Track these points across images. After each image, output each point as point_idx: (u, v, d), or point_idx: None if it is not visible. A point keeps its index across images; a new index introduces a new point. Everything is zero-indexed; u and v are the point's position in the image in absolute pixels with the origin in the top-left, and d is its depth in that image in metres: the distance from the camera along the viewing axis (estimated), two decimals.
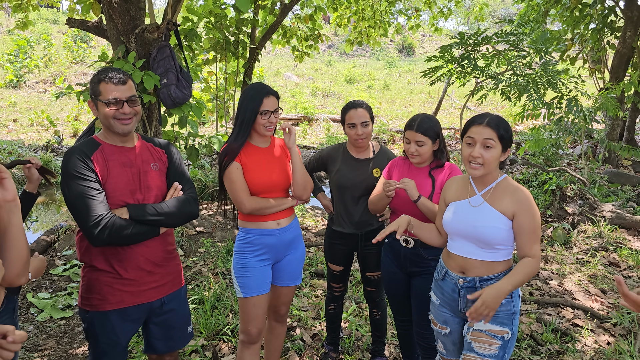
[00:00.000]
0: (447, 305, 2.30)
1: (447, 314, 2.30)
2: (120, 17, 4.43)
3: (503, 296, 2.02)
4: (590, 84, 11.25)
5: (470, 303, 2.17)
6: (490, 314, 2.02)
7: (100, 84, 2.11)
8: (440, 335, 2.35)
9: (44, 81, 18.40)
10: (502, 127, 2.10)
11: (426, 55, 29.55)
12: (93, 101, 2.15)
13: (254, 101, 2.48)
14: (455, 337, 2.31)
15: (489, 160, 2.08)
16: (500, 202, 2.13)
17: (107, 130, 2.19)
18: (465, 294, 2.20)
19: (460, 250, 2.22)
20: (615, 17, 9.62)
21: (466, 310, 2.19)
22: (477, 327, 2.14)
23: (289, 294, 2.82)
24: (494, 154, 2.09)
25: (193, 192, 2.33)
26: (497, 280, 2.12)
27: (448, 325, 2.30)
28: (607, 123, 9.44)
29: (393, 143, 13.43)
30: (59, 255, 5.13)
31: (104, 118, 2.14)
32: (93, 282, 2.13)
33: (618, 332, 3.82)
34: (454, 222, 2.23)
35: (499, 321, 2.12)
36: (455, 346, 2.32)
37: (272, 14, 7.15)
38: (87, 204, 1.98)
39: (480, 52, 6.12)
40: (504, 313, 2.13)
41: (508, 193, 2.14)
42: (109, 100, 2.10)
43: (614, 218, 6.15)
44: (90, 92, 2.15)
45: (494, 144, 2.08)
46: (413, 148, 2.59)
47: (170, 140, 5.27)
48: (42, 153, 10.27)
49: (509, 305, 2.14)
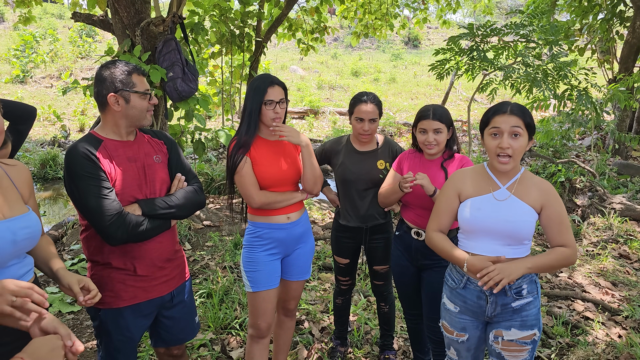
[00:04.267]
0: (469, 313, 2.15)
1: (468, 320, 2.16)
2: (125, 11, 4.41)
3: (521, 271, 1.93)
4: (599, 75, 11.13)
5: (499, 308, 2.06)
6: (503, 282, 1.91)
7: (132, 75, 2.06)
8: (455, 342, 2.23)
9: (50, 76, 18.43)
10: (527, 114, 2.01)
11: (432, 47, 29.41)
12: (121, 94, 2.04)
13: (258, 91, 2.45)
14: (471, 343, 2.19)
15: (518, 150, 1.99)
16: (528, 195, 2.04)
17: (122, 124, 2.10)
18: (495, 300, 2.06)
19: (484, 249, 2.06)
20: (625, 7, 9.50)
21: (494, 315, 2.08)
22: (507, 337, 2.03)
23: (298, 289, 2.79)
24: (522, 142, 2.00)
25: (197, 182, 2.33)
26: (522, 279, 2.04)
27: (467, 332, 2.18)
28: (617, 114, 9.35)
29: (400, 136, 13.37)
30: (66, 249, 5.14)
31: (139, 111, 2.08)
32: (105, 280, 2.11)
33: (630, 325, 3.79)
34: (479, 219, 2.06)
35: (529, 325, 2.03)
36: (470, 352, 2.21)
37: (278, 7, 7.10)
38: (100, 204, 1.93)
39: (489, 43, 6.05)
40: (532, 314, 2.04)
41: (533, 185, 2.07)
42: (145, 92, 2.08)
43: (624, 210, 6.09)
44: (119, 85, 2.03)
45: (521, 132, 1.98)
46: (431, 137, 2.55)
47: (176, 134, 5.25)
48: (49, 148, 10.30)
49: (535, 302, 2.05)
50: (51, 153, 9.44)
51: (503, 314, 2.07)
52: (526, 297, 2.04)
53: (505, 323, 2.05)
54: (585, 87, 6.17)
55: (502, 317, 2.07)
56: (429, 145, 2.57)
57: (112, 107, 2.05)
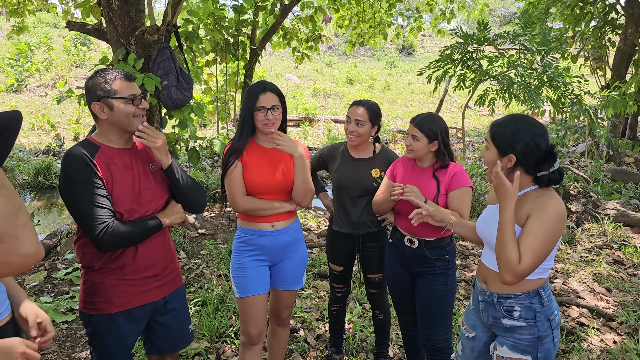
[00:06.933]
0: (476, 313, 2.18)
1: (476, 320, 2.19)
2: (120, 20, 4.42)
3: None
4: (592, 82, 11.22)
5: (491, 319, 2.05)
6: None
7: (115, 82, 2.06)
8: (464, 337, 2.24)
9: (45, 85, 18.39)
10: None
11: (427, 55, 29.56)
12: (104, 102, 2.05)
13: (250, 98, 2.48)
14: (475, 345, 2.18)
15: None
16: (520, 211, 1.91)
17: (113, 131, 2.11)
18: (486, 308, 2.07)
19: (485, 258, 2.11)
20: (616, 15, 9.60)
21: (489, 324, 2.08)
22: (499, 352, 2.01)
23: (290, 298, 2.77)
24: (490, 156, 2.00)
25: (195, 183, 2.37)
26: (516, 300, 1.96)
27: (475, 331, 2.18)
28: (611, 121, 9.42)
29: (394, 143, 13.40)
30: (60, 258, 5.11)
31: (123, 117, 2.07)
32: (97, 286, 2.10)
33: (624, 331, 3.80)
34: (480, 227, 2.12)
35: (521, 349, 1.95)
36: (473, 353, 2.19)
37: (273, 15, 7.13)
38: (92, 211, 1.94)
39: (482, 52, 6.10)
40: (526, 340, 1.95)
41: (532, 201, 1.91)
42: (129, 96, 2.07)
43: (617, 216, 6.12)
44: (101, 93, 2.04)
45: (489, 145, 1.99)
46: (408, 141, 2.63)
47: (171, 142, 5.25)
48: (44, 157, 10.27)
49: (531, 330, 1.94)
50: (45, 162, 9.40)
51: (497, 327, 2.05)
52: (518, 320, 1.96)
53: (501, 338, 2.04)
54: (578, 95, 6.21)
55: (498, 331, 2.06)
56: (407, 148, 2.66)
57: (99, 115, 2.07)
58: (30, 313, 1.65)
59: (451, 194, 2.58)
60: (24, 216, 1.25)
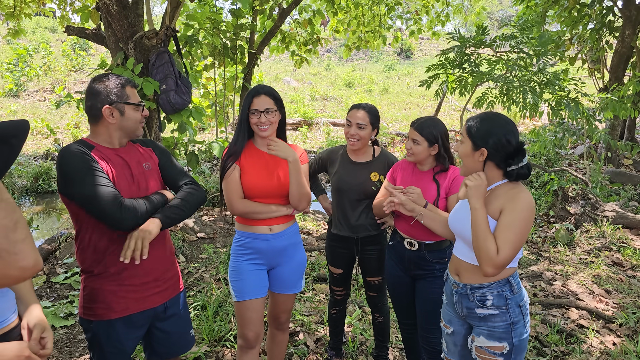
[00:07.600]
0: (451, 306, 2.26)
1: (452, 314, 2.26)
2: (118, 24, 4.43)
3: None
4: (590, 84, 11.25)
5: (465, 310, 2.13)
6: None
7: (126, 87, 2.09)
8: (445, 334, 2.32)
9: (44, 90, 18.38)
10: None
11: (425, 57, 29.58)
12: (116, 106, 2.07)
13: (246, 101, 2.52)
14: (457, 339, 2.25)
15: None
16: (491, 204, 2.02)
17: (115, 135, 2.12)
18: (460, 300, 2.15)
19: (457, 250, 2.20)
20: (614, 17, 9.62)
21: (464, 315, 2.16)
22: (477, 343, 2.09)
23: (288, 302, 2.77)
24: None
25: (190, 179, 2.36)
26: (488, 289, 2.05)
27: (452, 325, 2.26)
28: (609, 122, 9.44)
29: (393, 146, 13.42)
30: (59, 263, 5.11)
31: (133, 122, 2.12)
32: (97, 292, 2.10)
33: (624, 333, 3.80)
34: (452, 219, 2.21)
35: (497, 337, 2.04)
36: (457, 348, 2.27)
37: (271, 19, 7.14)
38: (101, 192, 1.93)
39: (479, 55, 6.11)
40: (500, 327, 2.04)
41: (503, 194, 2.02)
42: (139, 103, 2.12)
43: (616, 218, 6.12)
44: (114, 97, 2.05)
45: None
46: (409, 145, 2.64)
47: (170, 146, 5.25)
48: (42, 161, 10.26)
49: (503, 317, 2.04)
50: (44, 166, 9.40)
51: (471, 318, 2.13)
52: (491, 308, 2.05)
53: (477, 329, 2.11)
54: (575, 97, 6.23)
55: (472, 321, 2.13)
56: (408, 152, 2.67)
57: (107, 119, 2.07)
58: (37, 327, 1.66)
59: (451, 197, 2.59)
60: (22, 230, 1.24)
